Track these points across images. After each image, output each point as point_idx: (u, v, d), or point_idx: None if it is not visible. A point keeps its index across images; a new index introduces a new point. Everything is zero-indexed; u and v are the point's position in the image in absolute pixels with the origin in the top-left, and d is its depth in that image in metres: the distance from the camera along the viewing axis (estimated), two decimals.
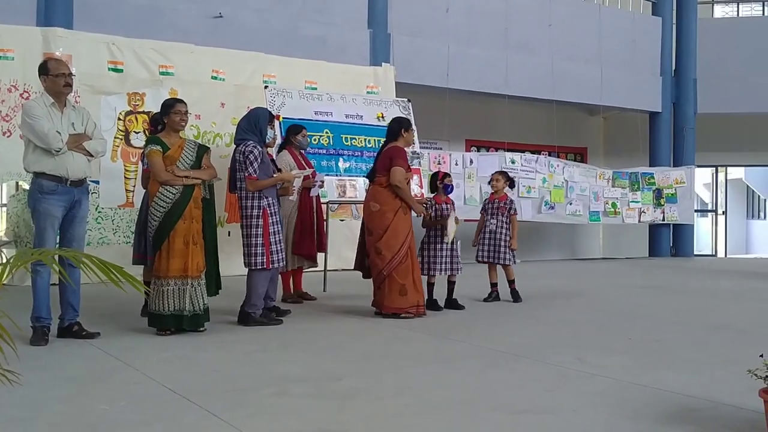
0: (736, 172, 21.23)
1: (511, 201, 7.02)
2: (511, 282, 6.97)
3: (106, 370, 4.00)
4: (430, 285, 6.43)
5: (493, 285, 6.99)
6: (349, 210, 9.70)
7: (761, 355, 3.00)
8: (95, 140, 4.81)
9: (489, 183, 7.20)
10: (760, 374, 2.93)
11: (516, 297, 6.91)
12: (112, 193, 8.38)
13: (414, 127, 8.82)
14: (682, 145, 14.52)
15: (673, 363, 4.28)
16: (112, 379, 3.79)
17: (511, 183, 7.15)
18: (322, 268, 7.79)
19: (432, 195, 6.74)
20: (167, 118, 5.08)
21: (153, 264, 5.01)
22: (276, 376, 3.83)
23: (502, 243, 6.86)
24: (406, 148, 6.08)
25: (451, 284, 6.50)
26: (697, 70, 14.62)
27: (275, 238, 5.44)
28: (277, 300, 6.10)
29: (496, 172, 7.22)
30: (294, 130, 6.92)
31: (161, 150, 4.96)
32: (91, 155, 4.77)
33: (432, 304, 6.28)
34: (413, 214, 6.01)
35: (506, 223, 6.91)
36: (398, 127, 6.02)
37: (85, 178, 4.80)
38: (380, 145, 8.44)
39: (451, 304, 6.43)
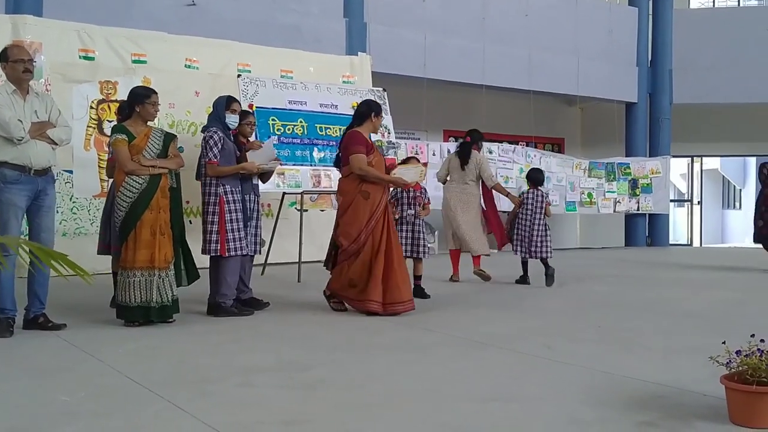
0: (711, 163, 21.41)
1: (425, 189, 6.65)
2: (417, 278, 6.45)
3: (70, 361, 3.94)
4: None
5: (417, 278, 6.48)
6: (329, 200, 9.66)
7: (723, 342, 3.03)
8: (59, 128, 4.72)
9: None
10: (721, 361, 2.96)
11: (422, 294, 6.32)
12: (86, 183, 8.28)
13: (385, 114, 8.88)
14: (657, 135, 14.62)
15: (641, 351, 4.30)
16: (76, 370, 3.74)
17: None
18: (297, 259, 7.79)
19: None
20: (140, 107, 4.98)
21: (120, 255, 4.96)
22: (243, 366, 3.80)
23: (421, 236, 6.48)
24: (374, 134, 5.90)
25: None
26: (673, 61, 14.72)
27: (232, 226, 5.38)
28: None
29: (411, 159, 6.68)
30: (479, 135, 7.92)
31: (127, 139, 4.88)
32: (55, 143, 4.69)
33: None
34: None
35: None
36: (367, 111, 5.69)
37: (50, 167, 4.72)
38: None
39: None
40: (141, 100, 4.95)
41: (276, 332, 4.86)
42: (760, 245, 9.38)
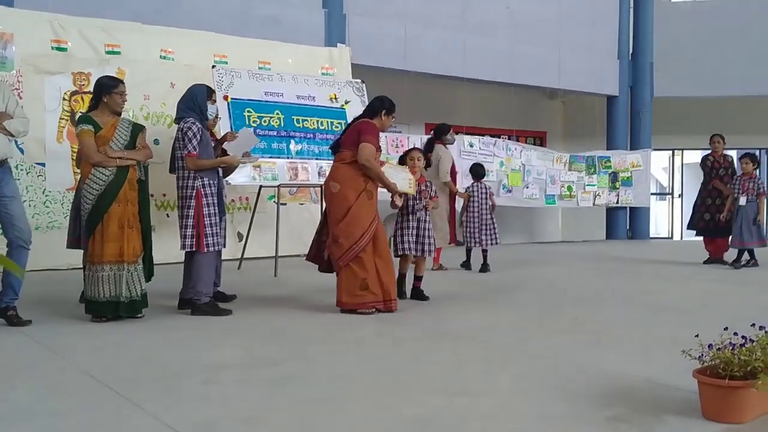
0: (693, 156, 21.47)
1: (430, 183, 6.17)
2: (417, 278, 5.92)
3: (32, 358, 3.83)
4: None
5: (402, 277, 5.91)
6: (308, 193, 9.57)
7: (697, 335, 2.98)
8: (17, 119, 4.58)
9: (400, 162, 6.09)
10: (694, 354, 2.90)
11: (420, 296, 5.85)
12: (59, 176, 8.13)
13: (362, 106, 8.73)
14: (638, 128, 14.61)
15: (616, 344, 4.25)
16: (36, 367, 3.63)
17: (428, 162, 6.27)
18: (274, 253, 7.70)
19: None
20: (107, 97, 4.86)
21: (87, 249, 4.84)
22: (209, 363, 3.70)
23: (427, 233, 5.89)
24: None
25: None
26: (654, 54, 14.70)
27: (210, 220, 5.18)
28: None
29: (414, 150, 6.13)
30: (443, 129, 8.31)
31: (93, 130, 4.75)
32: (12, 135, 4.55)
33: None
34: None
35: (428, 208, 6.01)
36: (379, 107, 5.42)
37: (6, 159, 4.59)
38: (333, 126, 8.39)
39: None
40: (108, 90, 4.83)
41: (246, 328, 4.76)
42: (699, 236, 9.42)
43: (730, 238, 8.73)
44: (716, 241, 9.10)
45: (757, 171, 8.92)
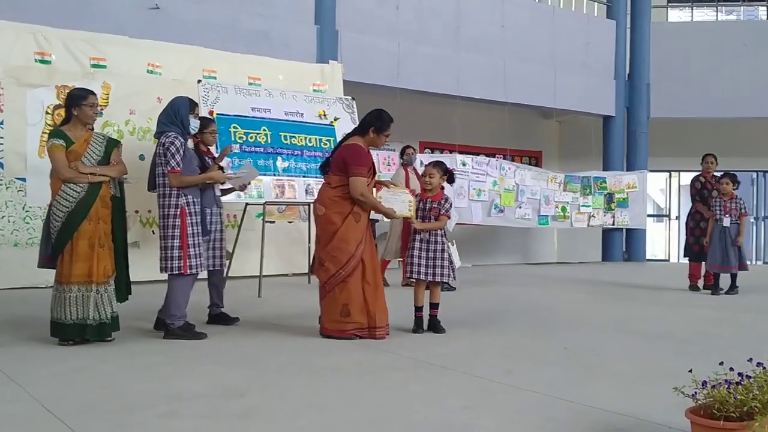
0: (689, 178, 21.33)
1: (446, 199, 5.42)
2: (434, 306, 5.38)
3: None
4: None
5: (419, 309, 5.38)
6: (297, 211, 9.36)
7: (690, 371, 2.77)
8: None
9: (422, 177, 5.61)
10: (687, 392, 2.70)
11: (437, 328, 5.33)
12: (40, 191, 7.87)
13: (353, 124, 8.53)
14: (635, 149, 14.47)
15: (606, 376, 4.04)
16: None
17: (450, 177, 5.44)
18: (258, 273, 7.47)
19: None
20: (78, 110, 4.67)
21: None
22: (173, 392, 3.47)
23: (438, 255, 5.30)
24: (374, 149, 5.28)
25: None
26: (651, 75, 14.60)
27: (194, 240, 4.97)
28: None
29: (429, 164, 5.50)
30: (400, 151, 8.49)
31: (64, 144, 4.56)
32: None
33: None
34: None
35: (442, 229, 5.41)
36: (369, 123, 5.10)
37: None
38: (321, 144, 8.21)
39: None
40: (77, 102, 4.64)
41: (219, 353, 4.53)
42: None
43: (708, 260, 8.30)
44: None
45: (746, 191, 8.66)
